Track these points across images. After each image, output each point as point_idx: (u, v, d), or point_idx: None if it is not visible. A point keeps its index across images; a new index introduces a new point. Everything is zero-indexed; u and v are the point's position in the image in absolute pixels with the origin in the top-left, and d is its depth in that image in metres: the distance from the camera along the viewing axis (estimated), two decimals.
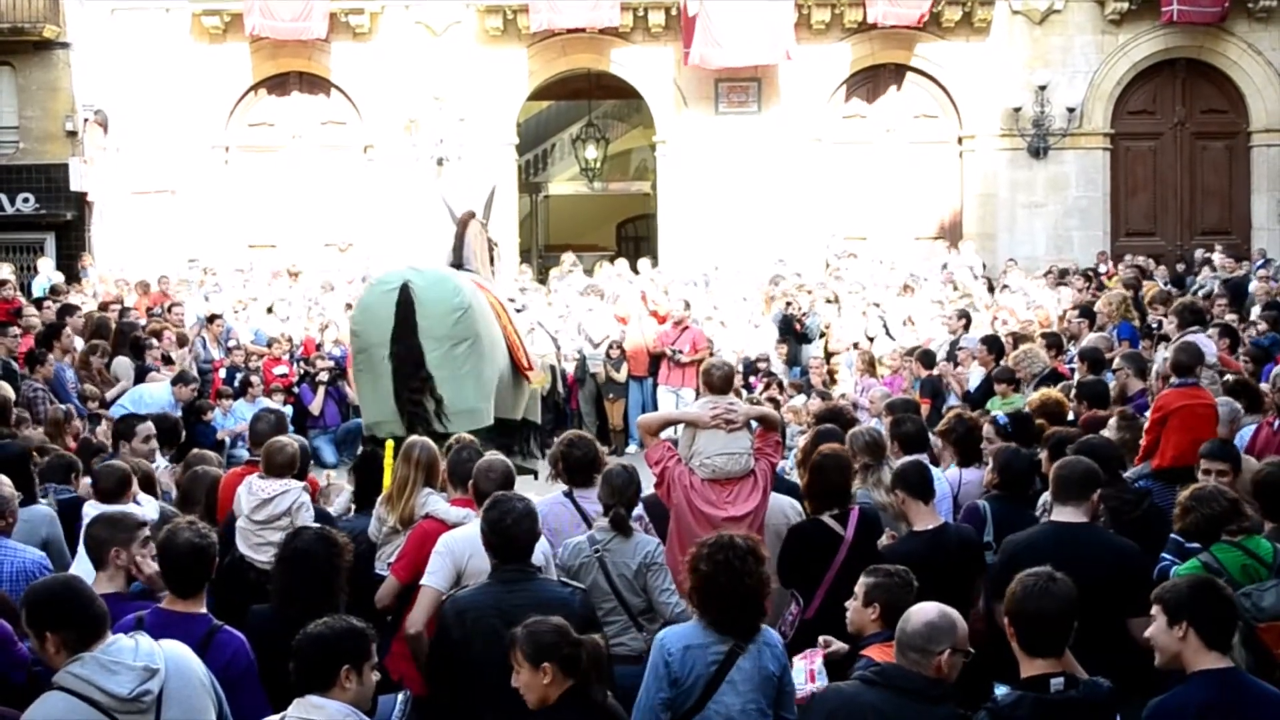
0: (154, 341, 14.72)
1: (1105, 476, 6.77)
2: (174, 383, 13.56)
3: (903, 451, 8.25)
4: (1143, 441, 8.92)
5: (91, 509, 7.32)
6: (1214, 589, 4.94)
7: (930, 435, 9.37)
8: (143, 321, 16.41)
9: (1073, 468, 6.51)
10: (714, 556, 5.46)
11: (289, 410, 16.88)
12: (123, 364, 14.23)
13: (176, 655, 4.84)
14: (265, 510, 7.39)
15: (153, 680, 4.62)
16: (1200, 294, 18.00)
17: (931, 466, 7.99)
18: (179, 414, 13.24)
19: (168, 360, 14.93)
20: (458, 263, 11.87)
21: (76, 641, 4.63)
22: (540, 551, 6.28)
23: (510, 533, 5.86)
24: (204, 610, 5.55)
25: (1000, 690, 4.85)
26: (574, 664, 4.88)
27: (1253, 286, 18.09)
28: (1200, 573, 5.95)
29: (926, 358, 14.75)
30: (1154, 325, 14.40)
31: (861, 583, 5.74)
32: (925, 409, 12.47)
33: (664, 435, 7.78)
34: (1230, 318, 14.98)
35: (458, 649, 5.74)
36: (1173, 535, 6.84)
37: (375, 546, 7.48)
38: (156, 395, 13.43)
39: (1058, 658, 4.75)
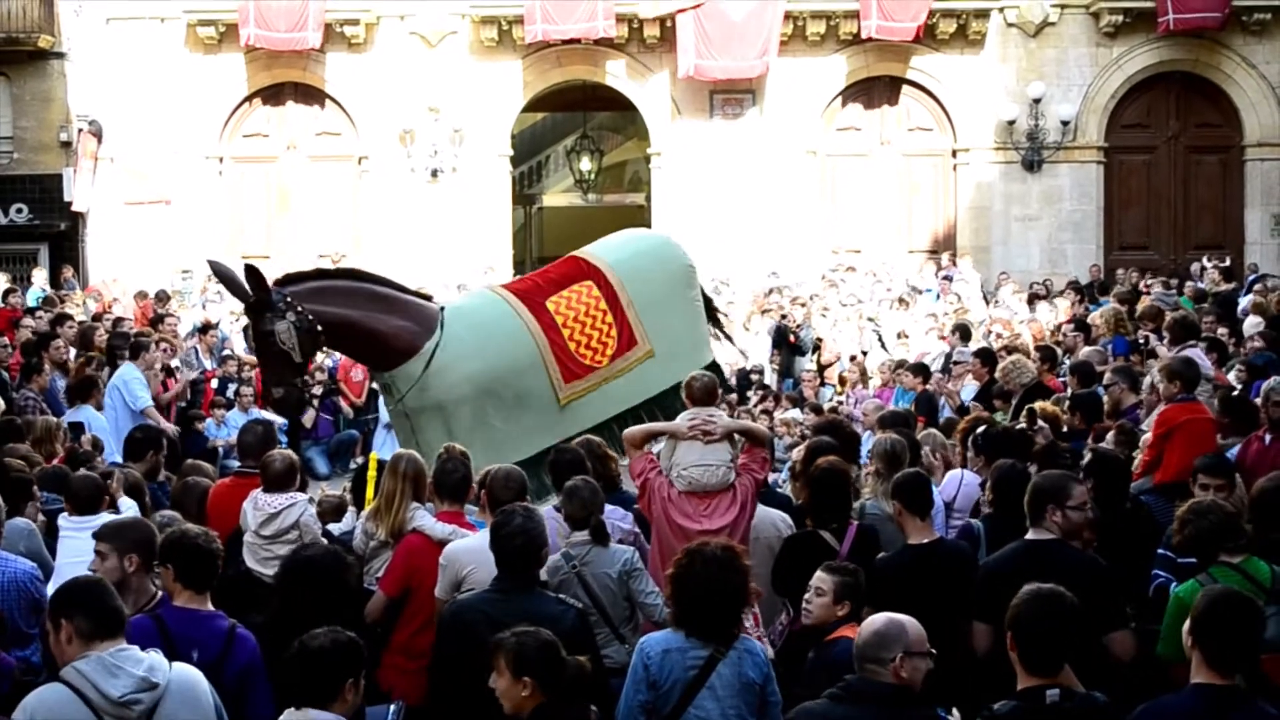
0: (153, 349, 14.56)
1: (1086, 491, 6.75)
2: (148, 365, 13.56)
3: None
4: (1144, 456, 8.92)
5: (65, 521, 7.30)
6: (1233, 612, 4.79)
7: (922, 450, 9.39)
8: (135, 329, 16.34)
9: (1036, 485, 6.50)
10: (691, 566, 5.50)
11: (284, 420, 16.87)
12: None
13: (188, 680, 4.83)
14: (273, 525, 7.38)
15: (148, 693, 4.62)
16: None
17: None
18: (146, 394, 13.21)
19: (168, 371, 14.88)
20: None
21: (90, 632, 4.65)
22: None
23: (507, 543, 5.87)
24: (213, 608, 5.64)
25: None
26: (554, 682, 4.86)
27: (1246, 301, 18.04)
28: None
29: (921, 372, 14.72)
30: (1141, 341, 14.39)
31: (827, 580, 5.90)
32: (920, 425, 12.43)
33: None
34: (1222, 332, 14.98)
35: (457, 653, 5.75)
36: (1161, 551, 6.83)
37: (362, 559, 7.47)
38: (126, 375, 13.31)
39: (1055, 674, 4.74)
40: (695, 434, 7.30)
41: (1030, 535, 6.38)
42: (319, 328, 9.84)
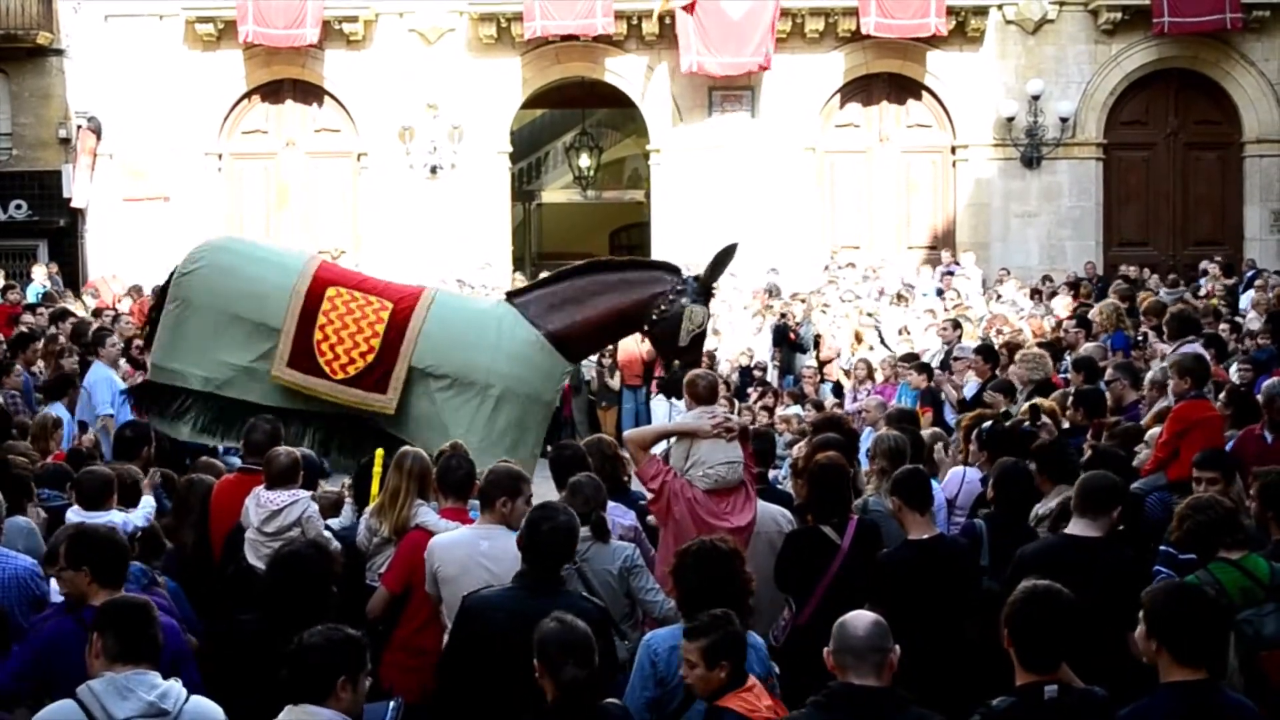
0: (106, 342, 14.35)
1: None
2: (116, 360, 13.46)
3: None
4: (1157, 453, 8.92)
5: (74, 515, 7.29)
6: (1196, 605, 4.82)
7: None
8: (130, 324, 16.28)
9: (1099, 481, 6.51)
10: (697, 563, 5.51)
11: None
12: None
13: (205, 713, 4.84)
14: (275, 522, 7.37)
15: (155, 718, 4.65)
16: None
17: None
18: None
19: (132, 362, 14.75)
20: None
21: (117, 654, 4.73)
22: None
23: (545, 540, 5.84)
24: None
25: None
26: (573, 680, 4.85)
27: (1249, 297, 18.06)
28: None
29: (925, 369, 14.67)
30: (1140, 338, 14.40)
31: (691, 648, 5.21)
32: (927, 418, 12.43)
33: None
34: (1223, 328, 14.98)
35: (472, 647, 5.74)
36: (1162, 548, 6.84)
37: (365, 555, 7.47)
38: (93, 377, 13.21)
39: (1052, 671, 4.72)
40: (719, 432, 7.30)
41: (1073, 529, 6.40)
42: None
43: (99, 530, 5.85)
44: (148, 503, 8.00)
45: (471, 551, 6.32)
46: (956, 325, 16.84)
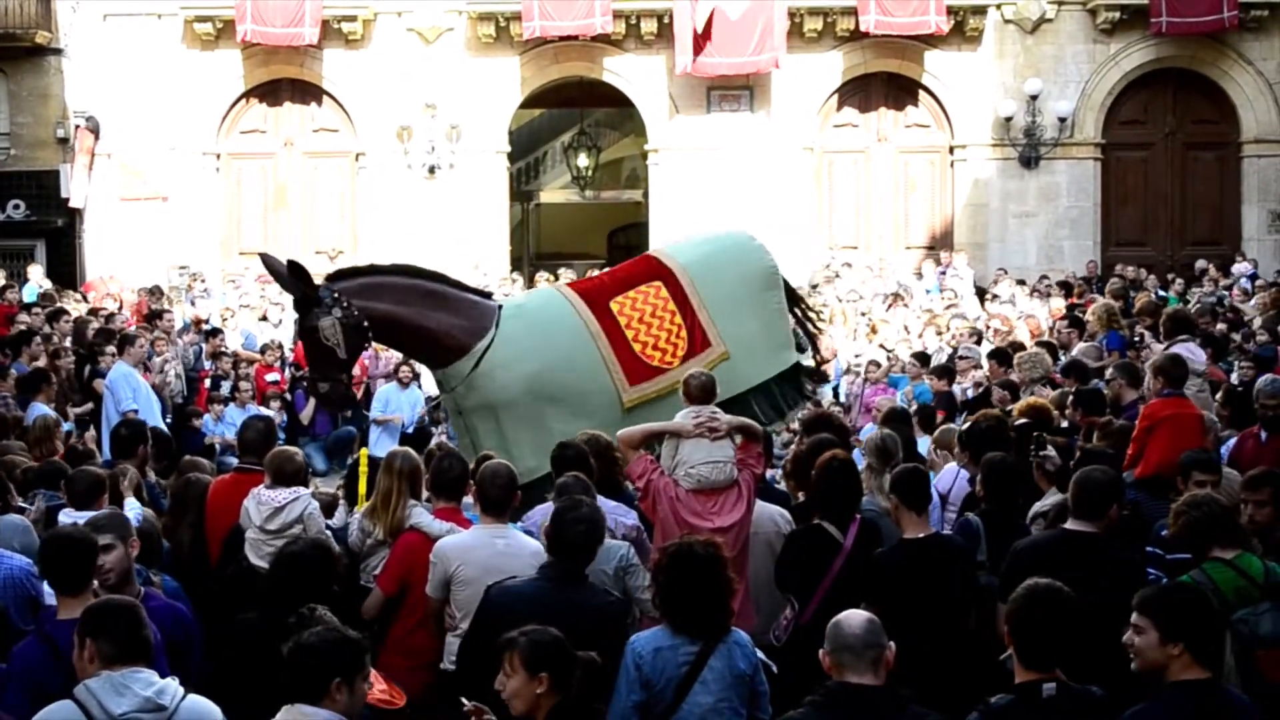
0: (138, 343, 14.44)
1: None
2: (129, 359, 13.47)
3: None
4: (1129, 451, 8.93)
5: (66, 516, 7.29)
6: (1207, 604, 4.89)
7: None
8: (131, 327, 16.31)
9: (1096, 479, 6.51)
10: (674, 563, 5.52)
11: (283, 418, 16.90)
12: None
13: (201, 711, 4.85)
14: (277, 519, 7.35)
15: (152, 714, 4.67)
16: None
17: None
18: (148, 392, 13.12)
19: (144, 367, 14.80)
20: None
21: (113, 656, 4.75)
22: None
23: (569, 531, 5.95)
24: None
25: None
26: (568, 680, 4.85)
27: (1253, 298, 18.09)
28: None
29: (946, 372, 14.55)
30: (1137, 338, 14.41)
31: None
32: (941, 417, 12.38)
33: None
34: (1220, 327, 14.98)
35: (494, 635, 5.70)
36: (1149, 549, 6.85)
37: (358, 557, 7.46)
38: (115, 375, 13.22)
39: (1052, 670, 4.73)
40: (702, 431, 7.31)
41: (1071, 525, 6.41)
42: (365, 324, 9.86)
43: (57, 536, 5.83)
44: (133, 504, 7.98)
45: (491, 553, 6.42)
46: (940, 331, 16.83)
